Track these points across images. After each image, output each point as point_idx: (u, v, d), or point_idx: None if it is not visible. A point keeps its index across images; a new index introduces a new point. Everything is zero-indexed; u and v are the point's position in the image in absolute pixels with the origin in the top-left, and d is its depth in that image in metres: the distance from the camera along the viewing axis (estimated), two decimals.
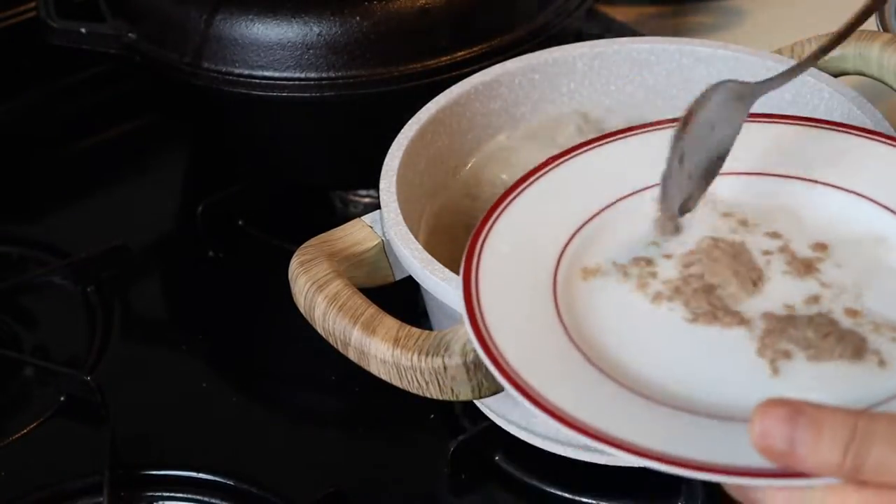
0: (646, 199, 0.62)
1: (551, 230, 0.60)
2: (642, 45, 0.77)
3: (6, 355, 0.81)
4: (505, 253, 0.58)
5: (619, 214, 0.62)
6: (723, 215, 0.62)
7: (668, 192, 0.60)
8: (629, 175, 0.63)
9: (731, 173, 0.62)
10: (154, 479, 0.72)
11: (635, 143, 0.65)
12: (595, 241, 0.60)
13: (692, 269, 0.58)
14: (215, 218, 0.90)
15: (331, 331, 0.64)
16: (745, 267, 0.58)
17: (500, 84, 0.76)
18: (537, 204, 0.62)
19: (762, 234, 0.60)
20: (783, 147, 0.64)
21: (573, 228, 0.60)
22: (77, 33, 0.85)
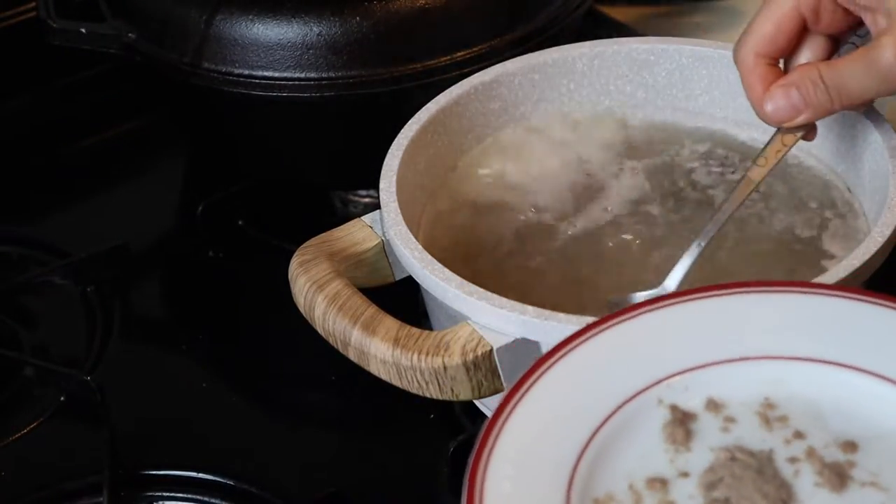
0: (660, 391, 0.52)
1: (555, 453, 0.50)
2: (642, 45, 0.77)
3: (6, 355, 0.81)
4: (508, 493, 0.48)
5: (629, 418, 0.51)
6: (731, 417, 0.51)
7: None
8: (638, 366, 0.52)
9: (730, 360, 0.52)
10: (154, 479, 0.72)
11: (636, 327, 0.54)
12: (606, 458, 0.50)
13: (716, 493, 0.48)
14: (215, 218, 0.90)
15: (331, 331, 0.64)
16: (772, 485, 0.48)
17: (499, 84, 0.76)
18: (535, 420, 0.51)
19: (782, 437, 0.50)
20: (791, 322, 0.54)
21: (579, 448, 0.50)
22: (77, 33, 0.85)
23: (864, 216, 0.70)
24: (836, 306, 0.54)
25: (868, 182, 0.69)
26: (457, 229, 0.72)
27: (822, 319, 0.54)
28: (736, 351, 0.52)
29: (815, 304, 0.54)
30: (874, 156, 0.69)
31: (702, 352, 0.53)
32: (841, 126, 0.71)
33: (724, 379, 0.52)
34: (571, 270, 0.69)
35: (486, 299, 0.62)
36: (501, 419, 0.50)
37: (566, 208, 0.73)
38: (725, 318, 0.54)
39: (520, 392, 0.51)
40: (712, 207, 0.72)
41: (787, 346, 0.53)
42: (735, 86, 0.76)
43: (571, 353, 0.53)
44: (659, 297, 0.55)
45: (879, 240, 0.62)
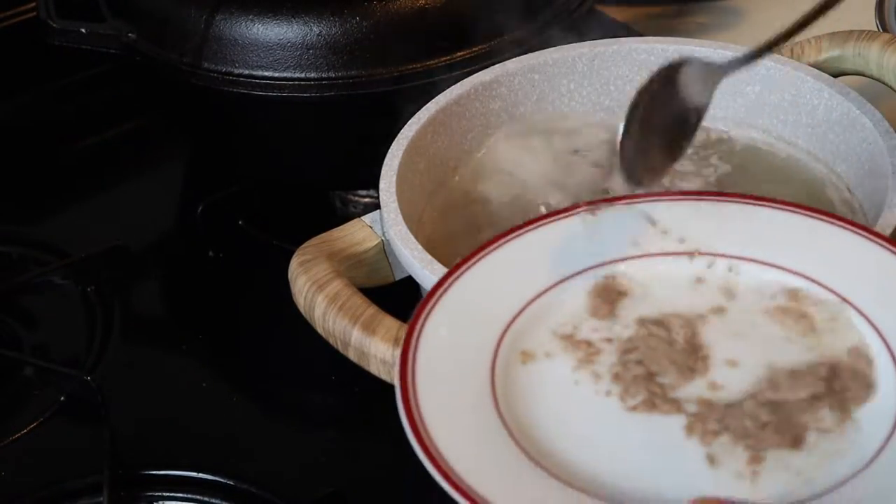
0: (587, 279, 0.60)
1: (492, 312, 0.58)
2: (642, 45, 0.77)
3: (6, 355, 0.81)
4: (443, 336, 0.57)
5: (561, 296, 0.60)
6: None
7: (625, 154, 0.60)
8: (572, 255, 0.61)
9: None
10: (154, 479, 0.72)
11: (576, 222, 0.63)
12: (536, 324, 0.59)
13: (632, 356, 0.57)
14: (215, 218, 0.90)
15: (331, 331, 0.64)
16: (681, 354, 0.56)
17: (499, 84, 0.76)
18: (480, 285, 0.59)
19: (704, 308, 0.59)
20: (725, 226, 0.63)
21: (514, 311, 0.59)
22: (77, 33, 0.85)
23: (864, 216, 0.70)
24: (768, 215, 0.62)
25: (868, 182, 0.69)
26: (457, 229, 0.72)
27: (740, 223, 0.62)
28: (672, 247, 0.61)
29: (743, 211, 0.62)
30: (874, 156, 0.69)
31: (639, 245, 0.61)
32: (841, 126, 0.71)
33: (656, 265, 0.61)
34: None
35: None
36: (451, 279, 0.59)
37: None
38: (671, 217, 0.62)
39: (472, 259, 0.60)
40: None
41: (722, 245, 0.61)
42: (735, 86, 0.76)
43: (530, 233, 0.61)
44: (612, 198, 0.63)
45: None
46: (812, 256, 0.60)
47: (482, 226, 0.72)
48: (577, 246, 0.61)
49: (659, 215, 0.62)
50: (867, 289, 0.58)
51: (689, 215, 0.62)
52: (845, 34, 0.74)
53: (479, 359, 0.56)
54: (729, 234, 0.61)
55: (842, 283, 0.58)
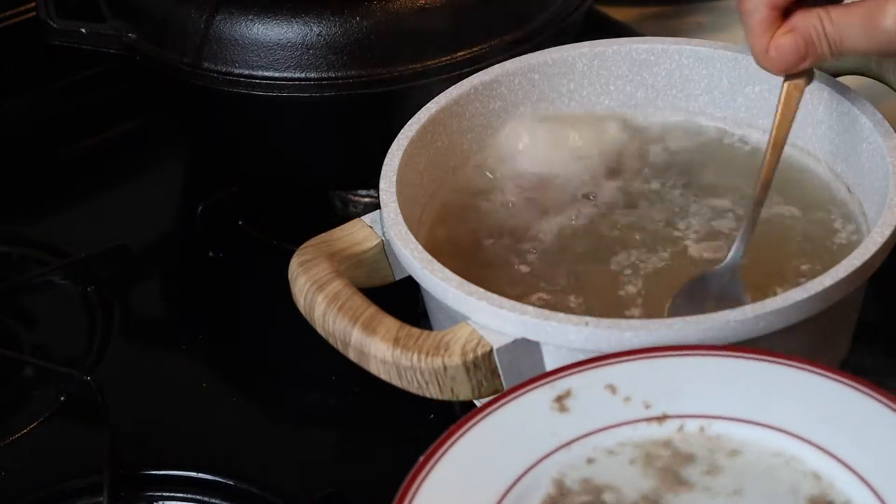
0: (548, 467, 0.56)
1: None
2: (642, 45, 0.77)
3: (6, 355, 0.81)
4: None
5: (532, 484, 0.55)
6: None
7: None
8: (535, 440, 0.56)
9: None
10: (154, 479, 0.72)
11: (531, 400, 0.58)
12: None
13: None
14: (215, 218, 0.90)
15: (331, 331, 0.64)
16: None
17: (499, 84, 0.76)
18: (444, 486, 0.55)
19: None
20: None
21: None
22: (77, 33, 0.85)
23: (864, 216, 0.70)
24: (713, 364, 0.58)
25: (868, 182, 0.69)
26: (457, 229, 0.72)
27: (703, 379, 0.57)
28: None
29: (700, 365, 0.58)
30: (874, 156, 0.69)
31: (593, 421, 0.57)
32: (841, 126, 0.71)
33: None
34: (573, 269, 0.69)
35: (485, 299, 0.62)
36: (417, 481, 0.54)
37: (567, 207, 0.73)
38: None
39: (435, 456, 0.55)
40: (711, 205, 0.72)
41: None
42: (735, 86, 0.76)
43: (484, 420, 0.56)
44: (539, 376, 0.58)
45: (879, 240, 0.62)
46: (791, 407, 0.56)
47: (482, 226, 0.72)
48: (541, 425, 0.57)
49: (618, 380, 0.58)
50: (847, 438, 0.55)
51: (649, 376, 0.58)
52: None
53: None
54: (696, 392, 0.57)
55: (823, 436, 0.55)
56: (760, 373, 0.57)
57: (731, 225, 0.71)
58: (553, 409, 0.57)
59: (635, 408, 0.57)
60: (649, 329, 0.59)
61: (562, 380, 0.58)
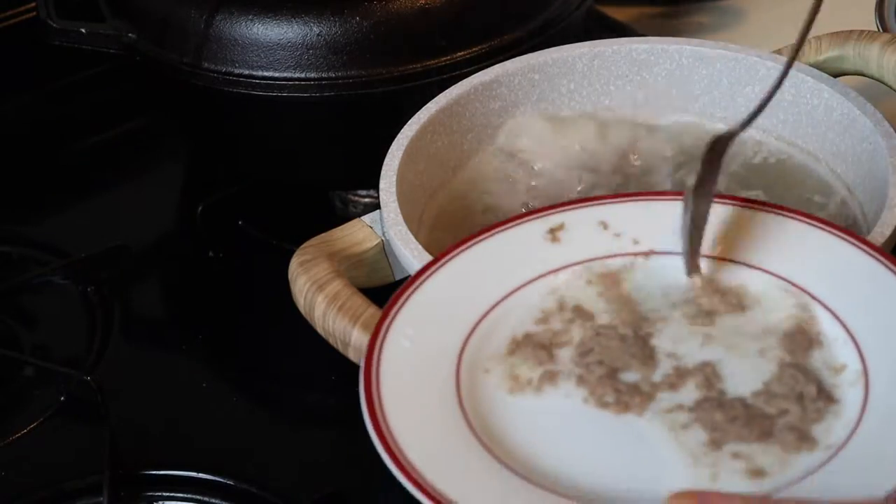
0: (540, 287, 0.61)
1: (452, 322, 0.59)
2: (642, 45, 0.77)
3: (6, 355, 0.81)
4: (406, 348, 0.57)
5: (521, 301, 0.60)
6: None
7: (687, 247, 0.60)
8: (526, 263, 0.62)
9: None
10: (154, 479, 0.72)
11: (530, 228, 0.63)
12: (497, 332, 0.59)
13: (591, 357, 0.57)
14: (215, 218, 0.90)
15: (331, 331, 0.64)
16: (637, 347, 0.57)
17: (499, 84, 0.76)
18: (438, 296, 0.60)
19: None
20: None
21: (475, 319, 0.59)
22: (77, 33, 0.85)
23: (864, 216, 0.70)
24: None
25: (868, 182, 0.69)
26: (457, 229, 0.72)
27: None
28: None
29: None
30: (874, 156, 0.69)
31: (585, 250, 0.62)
32: (841, 126, 0.71)
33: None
34: None
35: None
36: (409, 290, 0.59)
37: None
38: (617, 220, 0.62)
39: (428, 271, 0.60)
40: None
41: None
42: (735, 86, 0.76)
43: (479, 244, 0.62)
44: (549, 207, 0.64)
45: (879, 240, 0.62)
46: (772, 251, 0.60)
47: (482, 226, 0.72)
48: (535, 251, 0.62)
49: (612, 218, 0.62)
50: (827, 281, 0.58)
51: (641, 216, 0.62)
52: (845, 34, 0.74)
53: (443, 364, 0.56)
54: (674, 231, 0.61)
55: (799, 276, 0.59)
56: (743, 218, 0.61)
57: None
58: (545, 240, 0.62)
59: (624, 242, 0.61)
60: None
61: (556, 214, 0.63)
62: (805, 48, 0.75)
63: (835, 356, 0.56)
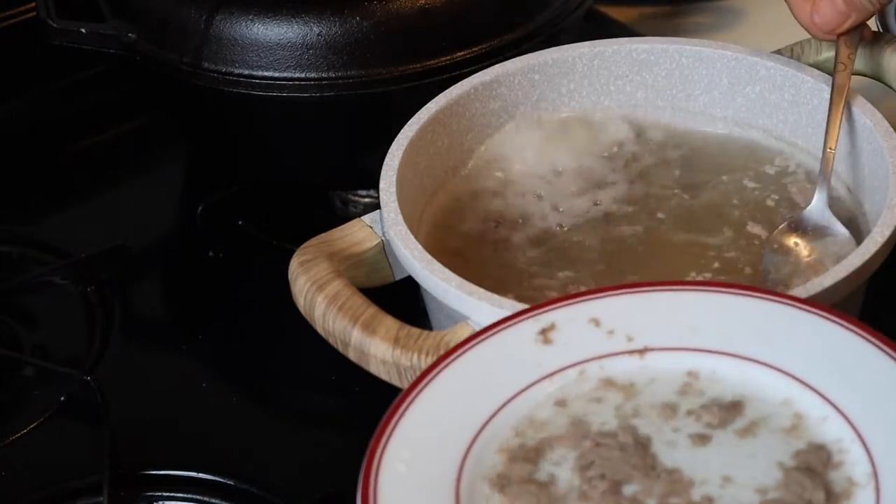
0: (536, 394, 0.57)
1: (448, 441, 0.55)
2: (642, 45, 0.77)
3: (6, 355, 0.81)
4: (402, 473, 0.53)
5: (513, 414, 0.56)
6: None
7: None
8: (518, 370, 0.57)
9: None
10: (154, 479, 0.72)
11: (519, 331, 0.58)
12: (492, 449, 0.55)
13: (592, 472, 0.53)
14: (215, 218, 0.90)
15: (331, 331, 0.64)
16: (637, 456, 0.53)
17: (499, 84, 0.76)
18: (431, 412, 0.55)
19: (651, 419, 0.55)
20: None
21: (470, 437, 0.55)
22: (77, 33, 0.85)
23: (864, 216, 0.70)
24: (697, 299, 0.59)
25: (868, 182, 0.69)
26: (457, 229, 0.72)
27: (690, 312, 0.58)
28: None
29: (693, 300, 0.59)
30: (874, 156, 0.69)
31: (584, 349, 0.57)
32: (840, 126, 0.71)
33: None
34: (574, 268, 0.69)
35: (486, 299, 0.62)
36: (402, 409, 0.55)
37: (568, 207, 0.73)
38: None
39: (420, 385, 0.56)
40: (710, 205, 0.72)
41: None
42: (735, 86, 0.76)
43: (469, 352, 0.57)
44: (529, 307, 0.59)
45: (879, 240, 0.62)
46: (766, 340, 0.56)
47: (482, 226, 0.72)
48: (526, 355, 0.57)
49: (604, 314, 0.58)
50: (826, 372, 0.55)
51: (634, 310, 0.59)
52: None
53: (442, 488, 0.53)
54: (671, 325, 0.58)
55: (796, 365, 0.55)
56: (742, 307, 0.58)
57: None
58: (537, 342, 0.58)
59: (618, 341, 0.58)
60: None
61: (546, 314, 0.59)
62: (805, 48, 0.75)
63: (842, 457, 0.52)
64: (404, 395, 0.55)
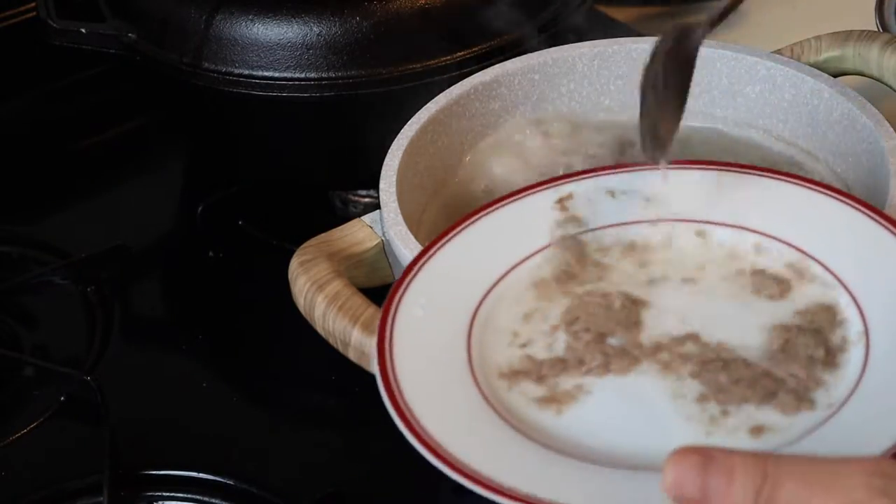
0: (542, 259, 0.62)
1: (464, 292, 0.60)
2: (642, 45, 0.77)
3: (6, 355, 0.81)
4: (419, 317, 0.58)
5: (527, 272, 0.61)
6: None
7: (644, 126, 0.62)
8: (535, 232, 0.63)
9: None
10: (154, 479, 0.72)
11: (539, 199, 0.65)
12: (504, 302, 0.60)
13: (577, 325, 0.58)
14: (215, 218, 0.90)
15: (331, 331, 0.64)
16: (622, 314, 0.58)
17: (499, 84, 0.76)
18: (450, 265, 0.61)
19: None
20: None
21: (484, 289, 0.60)
22: (77, 33, 0.85)
23: None
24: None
25: (868, 182, 0.69)
26: None
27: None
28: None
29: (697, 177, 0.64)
30: (874, 156, 0.69)
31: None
32: (841, 126, 0.71)
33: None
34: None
35: None
36: (422, 261, 0.60)
37: None
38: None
39: (440, 242, 0.61)
40: None
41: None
42: (735, 86, 0.76)
43: (487, 216, 0.63)
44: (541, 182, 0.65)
45: None
46: (778, 216, 0.61)
47: None
48: (544, 220, 0.63)
49: (620, 186, 0.64)
50: (833, 245, 0.59)
51: (648, 183, 0.64)
52: (845, 34, 0.74)
53: (454, 337, 0.57)
54: (693, 200, 0.63)
55: (804, 239, 0.60)
56: (750, 184, 0.63)
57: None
58: (554, 209, 0.63)
59: (633, 209, 0.63)
60: None
61: (565, 185, 0.64)
62: (805, 48, 0.75)
63: (838, 316, 0.57)
64: (425, 250, 0.60)
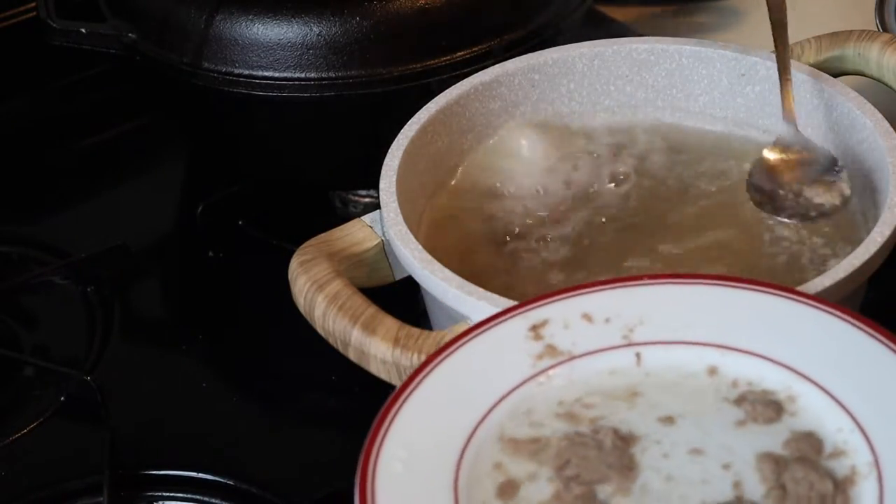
0: (526, 392, 0.56)
1: (443, 439, 0.54)
2: (642, 45, 0.77)
3: (6, 355, 0.81)
4: (399, 472, 0.52)
5: (502, 416, 0.55)
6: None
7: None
8: (511, 367, 0.56)
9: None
10: (154, 479, 0.72)
11: (510, 327, 0.58)
12: (491, 441, 0.54)
13: (568, 471, 0.52)
14: (215, 218, 0.90)
15: (331, 331, 0.64)
16: (614, 456, 0.52)
17: (499, 84, 0.76)
18: (424, 412, 0.55)
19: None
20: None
21: (465, 435, 0.54)
22: (77, 33, 0.85)
23: (863, 216, 0.70)
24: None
25: (868, 182, 0.69)
26: (457, 229, 0.72)
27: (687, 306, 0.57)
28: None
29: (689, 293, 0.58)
30: (874, 156, 0.69)
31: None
32: (841, 126, 0.71)
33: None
34: (573, 269, 0.69)
35: (486, 299, 0.62)
36: (395, 407, 0.54)
37: (567, 207, 0.73)
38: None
39: (413, 383, 0.55)
40: (712, 205, 0.72)
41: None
42: (735, 86, 0.76)
43: (460, 349, 0.57)
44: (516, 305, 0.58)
45: (879, 240, 0.62)
46: (765, 333, 0.56)
47: (482, 226, 0.72)
48: (517, 353, 0.57)
49: (596, 310, 0.58)
50: (825, 364, 0.54)
51: (626, 304, 0.58)
52: (845, 34, 0.74)
53: (439, 488, 0.52)
54: (668, 318, 0.57)
55: (796, 359, 0.55)
56: (740, 301, 0.57)
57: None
58: (528, 339, 0.57)
59: (611, 336, 0.57)
60: None
61: (537, 309, 0.58)
62: (805, 48, 0.75)
63: (842, 447, 0.52)
64: (398, 394, 0.55)
